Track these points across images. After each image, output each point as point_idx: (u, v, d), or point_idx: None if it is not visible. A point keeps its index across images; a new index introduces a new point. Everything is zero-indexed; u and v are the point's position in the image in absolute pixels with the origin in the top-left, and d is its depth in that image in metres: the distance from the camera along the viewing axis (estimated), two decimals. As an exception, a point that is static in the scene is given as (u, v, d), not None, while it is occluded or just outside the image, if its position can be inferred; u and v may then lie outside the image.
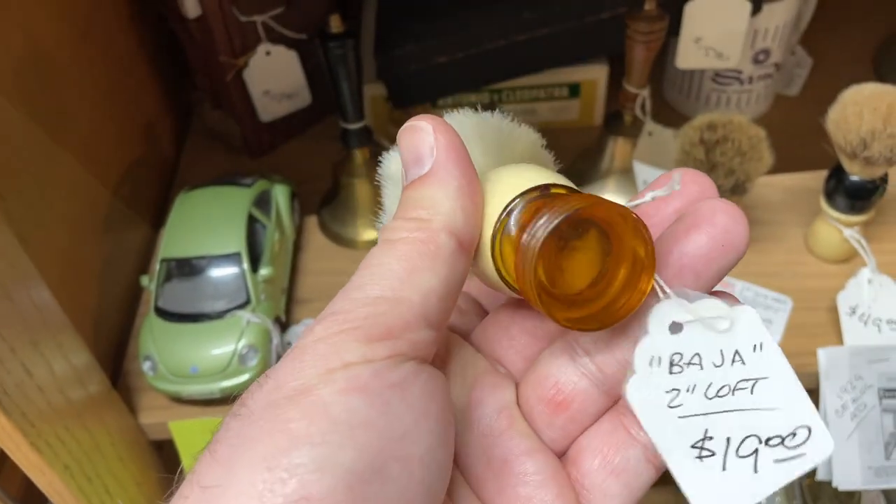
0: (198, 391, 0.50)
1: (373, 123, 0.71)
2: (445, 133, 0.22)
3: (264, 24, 0.63)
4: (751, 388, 0.21)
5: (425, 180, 0.22)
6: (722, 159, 0.49)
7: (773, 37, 0.65)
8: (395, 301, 0.20)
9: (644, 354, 0.21)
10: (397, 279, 0.21)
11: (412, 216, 0.22)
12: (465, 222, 0.22)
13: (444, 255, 0.21)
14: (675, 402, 0.21)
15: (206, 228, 0.53)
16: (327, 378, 0.19)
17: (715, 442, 0.21)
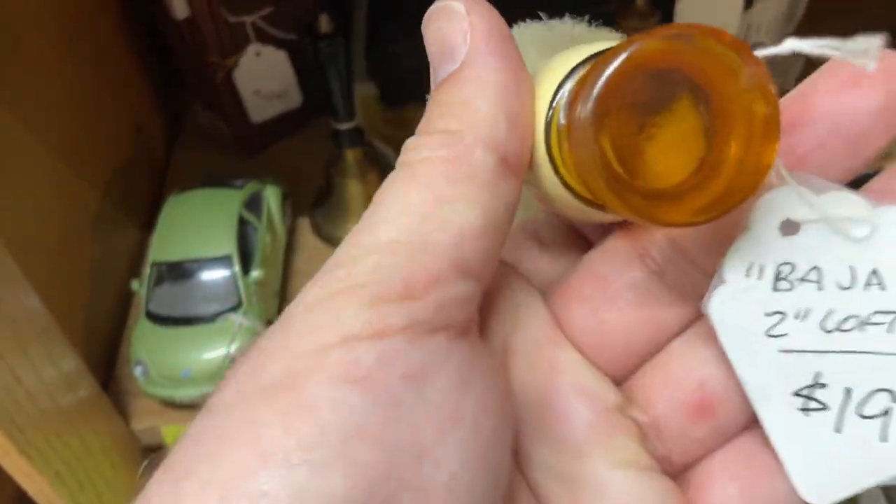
0: (190, 395, 0.50)
1: (365, 123, 0.71)
2: (484, 15, 0.16)
3: (254, 25, 0.63)
4: (890, 325, 0.15)
5: (456, 78, 0.16)
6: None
7: (766, 31, 0.64)
8: (417, 245, 0.15)
9: (740, 258, 0.16)
10: (418, 215, 0.15)
11: (438, 128, 0.16)
12: (510, 132, 0.16)
13: (483, 179, 0.15)
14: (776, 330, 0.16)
15: (196, 231, 0.53)
16: (318, 361, 0.14)
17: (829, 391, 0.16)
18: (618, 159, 0.15)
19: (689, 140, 0.15)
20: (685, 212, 0.15)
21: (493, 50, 0.16)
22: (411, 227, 0.15)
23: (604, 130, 0.14)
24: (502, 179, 0.16)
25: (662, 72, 0.14)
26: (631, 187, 0.15)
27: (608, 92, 0.14)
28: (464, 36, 0.16)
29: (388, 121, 0.71)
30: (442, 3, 0.17)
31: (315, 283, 0.15)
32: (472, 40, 0.16)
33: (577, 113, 0.14)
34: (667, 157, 0.15)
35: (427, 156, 0.16)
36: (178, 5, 0.60)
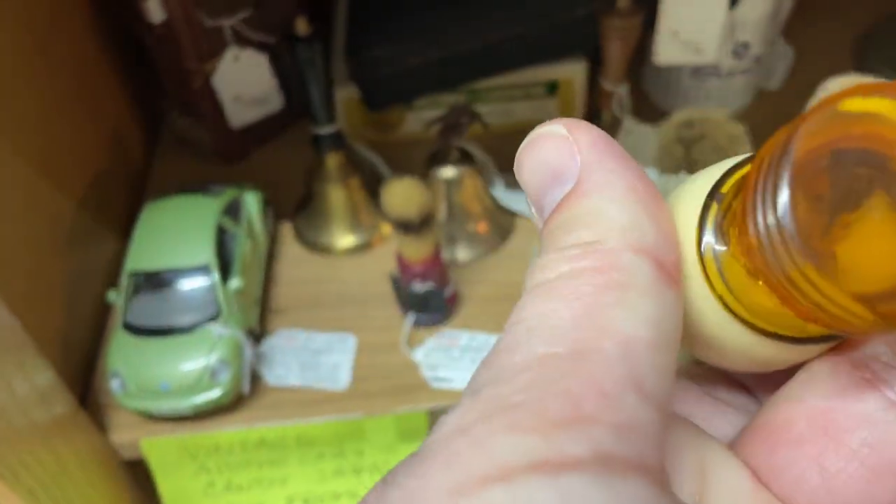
0: (169, 408, 0.49)
1: (348, 127, 0.70)
2: (588, 130, 0.15)
3: (232, 28, 0.62)
4: None
5: (575, 194, 0.14)
6: (700, 157, 0.48)
7: (752, 29, 0.63)
8: (577, 356, 0.12)
9: None
10: (572, 326, 0.12)
11: (570, 243, 0.14)
12: (658, 232, 0.14)
13: (641, 285, 0.13)
14: None
15: (173, 240, 0.52)
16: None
17: None
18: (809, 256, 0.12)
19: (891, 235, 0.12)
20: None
21: (608, 156, 0.14)
22: (567, 337, 0.12)
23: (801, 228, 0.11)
24: (663, 288, 0.13)
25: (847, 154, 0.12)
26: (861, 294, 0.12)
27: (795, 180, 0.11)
28: (572, 156, 0.14)
29: (373, 124, 0.70)
30: (538, 131, 0.15)
31: (453, 412, 0.12)
32: (582, 156, 0.14)
33: (762, 219, 0.12)
34: (866, 258, 0.12)
35: (566, 270, 0.13)
36: (154, 9, 0.59)
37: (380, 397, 0.52)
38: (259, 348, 0.54)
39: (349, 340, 0.55)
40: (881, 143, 0.11)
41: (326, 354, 0.54)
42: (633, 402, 0.12)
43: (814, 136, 0.12)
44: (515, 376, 0.12)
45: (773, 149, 0.12)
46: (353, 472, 0.54)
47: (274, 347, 0.54)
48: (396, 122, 0.70)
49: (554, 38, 0.60)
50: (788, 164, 0.12)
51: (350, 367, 0.53)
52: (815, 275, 0.12)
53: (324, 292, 0.59)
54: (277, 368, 0.53)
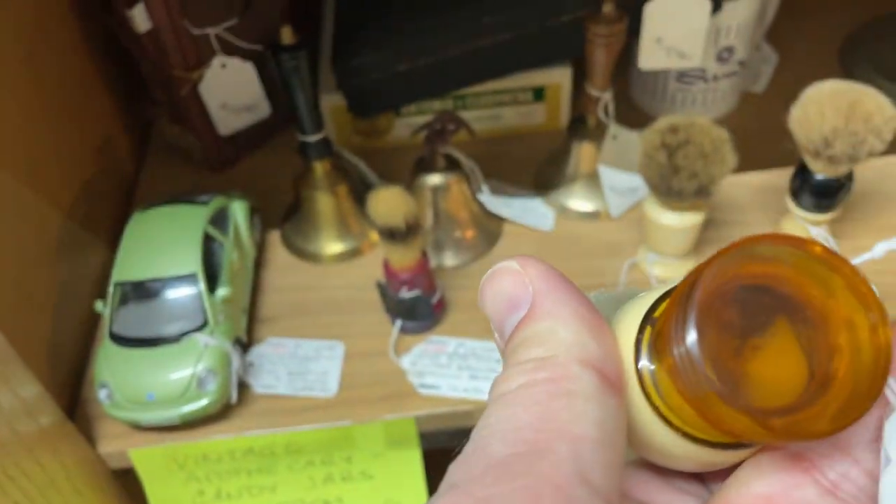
0: (156, 418, 0.49)
1: (336, 134, 0.70)
2: (539, 264, 0.17)
3: (218, 37, 0.62)
4: None
5: (528, 318, 0.17)
6: (684, 162, 0.48)
7: (736, 34, 0.64)
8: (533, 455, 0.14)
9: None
10: (529, 428, 0.15)
11: (527, 358, 0.16)
12: (600, 348, 0.16)
13: (587, 393, 0.15)
14: None
15: (160, 249, 0.52)
16: None
17: None
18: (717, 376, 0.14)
19: (793, 356, 0.14)
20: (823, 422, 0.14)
21: (556, 288, 0.17)
22: (526, 439, 0.15)
23: (707, 357, 0.14)
24: (606, 395, 0.16)
25: (751, 289, 0.14)
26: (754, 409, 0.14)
27: (701, 316, 0.13)
28: (525, 287, 0.17)
29: (361, 130, 0.70)
30: (496, 267, 0.17)
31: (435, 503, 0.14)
32: (534, 286, 0.17)
33: (677, 348, 0.14)
34: (773, 377, 0.14)
35: (524, 381, 0.16)
36: (140, 18, 0.59)
37: (368, 404, 0.52)
38: (247, 357, 0.54)
39: (337, 348, 0.55)
40: (781, 281, 0.14)
41: (314, 362, 0.54)
42: (583, 493, 0.14)
43: (725, 272, 0.14)
44: (484, 474, 0.14)
45: (684, 285, 0.14)
46: (342, 479, 0.54)
47: (262, 356, 0.55)
48: (385, 129, 0.70)
49: (540, 44, 0.61)
50: (694, 303, 0.14)
51: (338, 375, 0.54)
52: (715, 399, 0.13)
53: (312, 300, 0.59)
54: (265, 377, 0.53)
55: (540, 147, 0.68)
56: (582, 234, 0.61)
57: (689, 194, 0.50)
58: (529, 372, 0.16)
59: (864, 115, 0.47)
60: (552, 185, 0.63)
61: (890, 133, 0.48)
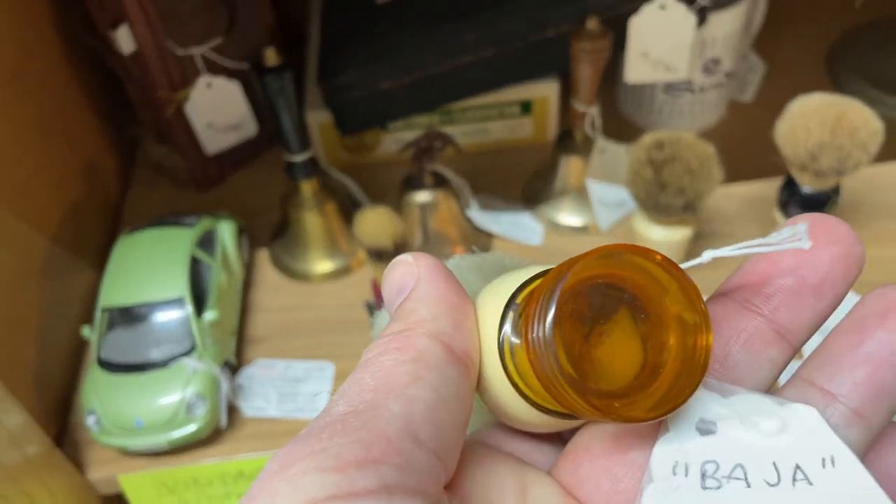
0: (144, 444, 0.49)
1: (323, 151, 0.70)
2: (428, 259, 0.20)
3: (203, 56, 0.62)
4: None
5: (405, 300, 0.19)
6: (671, 178, 0.48)
7: (722, 45, 0.64)
8: (369, 413, 0.16)
9: (665, 457, 0.16)
10: (370, 390, 0.17)
11: (389, 331, 0.19)
12: (454, 329, 0.18)
13: (429, 361, 0.17)
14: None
15: (147, 273, 0.51)
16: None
17: None
18: (572, 367, 0.16)
19: (631, 345, 0.17)
20: (640, 409, 0.16)
21: (434, 277, 0.19)
22: (364, 399, 0.17)
23: (559, 344, 0.16)
24: (449, 365, 0.18)
25: (602, 286, 0.17)
26: (591, 391, 0.16)
27: (560, 308, 0.16)
28: (412, 276, 0.19)
29: (349, 147, 0.70)
30: (394, 261, 0.20)
31: (275, 457, 0.16)
32: (419, 275, 0.19)
33: (534, 332, 0.16)
34: (613, 361, 0.17)
35: (381, 350, 0.18)
36: (124, 40, 0.58)
37: (358, 426, 0.52)
38: (236, 379, 0.54)
39: (328, 368, 0.55)
40: (628, 281, 0.17)
41: (305, 383, 0.54)
42: (411, 447, 0.16)
43: (586, 270, 0.16)
44: (323, 429, 0.16)
45: (549, 280, 0.16)
46: (334, 500, 0.54)
47: (252, 378, 0.54)
48: (373, 145, 0.70)
49: (525, 59, 0.61)
50: (556, 294, 0.16)
51: (329, 396, 0.53)
52: (561, 380, 0.16)
53: (302, 319, 0.59)
54: (255, 400, 0.53)
55: (528, 160, 0.68)
56: (571, 248, 0.61)
57: (677, 210, 0.50)
58: (386, 343, 0.18)
59: (849, 129, 0.47)
60: (540, 200, 0.63)
61: (875, 146, 0.48)
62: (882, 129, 0.48)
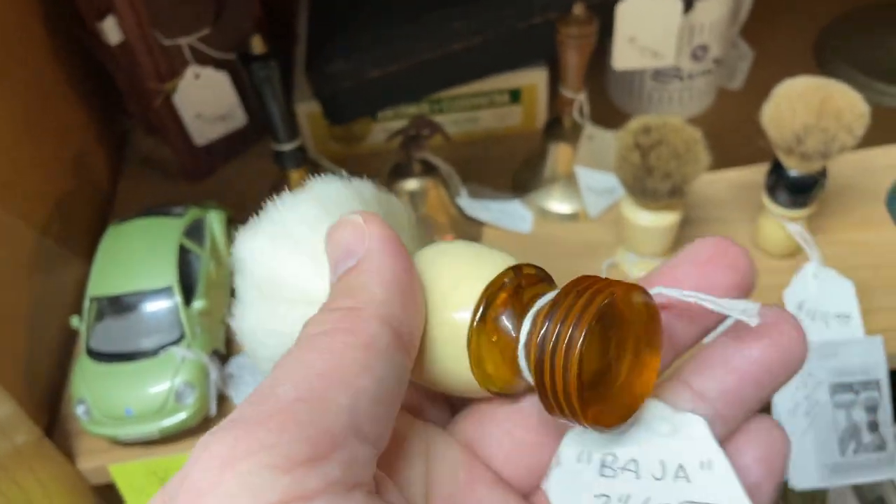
0: (135, 433, 0.49)
1: (313, 141, 0.70)
2: (379, 227, 0.19)
3: (190, 47, 0.61)
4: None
5: (355, 269, 0.19)
6: (657, 163, 0.48)
7: (709, 32, 0.64)
8: (317, 403, 0.16)
9: (574, 445, 0.19)
10: (317, 376, 0.17)
11: (338, 306, 0.18)
12: (404, 313, 0.18)
13: (379, 349, 0.18)
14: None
15: (135, 263, 0.51)
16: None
17: None
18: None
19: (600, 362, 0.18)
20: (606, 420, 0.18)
21: (386, 250, 0.19)
22: (312, 386, 0.16)
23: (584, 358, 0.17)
24: (396, 352, 0.18)
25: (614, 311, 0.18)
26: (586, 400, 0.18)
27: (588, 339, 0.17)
28: (361, 240, 0.19)
29: (338, 137, 0.70)
30: (343, 218, 0.20)
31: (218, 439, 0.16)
32: (369, 242, 0.19)
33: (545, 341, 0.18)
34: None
35: (329, 328, 0.18)
36: (110, 30, 0.58)
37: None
38: (226, 368, 0.54)
39: (317, 357, 0.55)
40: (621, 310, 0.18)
41: (294, 372, 0.54)
42: (354, 443, 0.16)
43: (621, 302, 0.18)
44: (270, 417, 0.16)
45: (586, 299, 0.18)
46: (326, 488, 0.54)
47: (242, 367, 0.54)
48: (362, 135, 0.70)
49: (512, 47, 0.61)
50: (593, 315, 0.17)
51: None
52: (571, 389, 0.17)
53: (292, 309, 0.59)
54: (245, 388, 0.53)
55: (518, 149, 0.68)
56: (561, 235, 0.61)
57: (664, 194, 0.50)
58: (335, 320, 0.18)
59: (835, 111, 0.47)
60: (530, 187, 0.63)
61: (861, 129, 0.48)
62: (868, 111, 0.48)
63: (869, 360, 0.50)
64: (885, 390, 0.51)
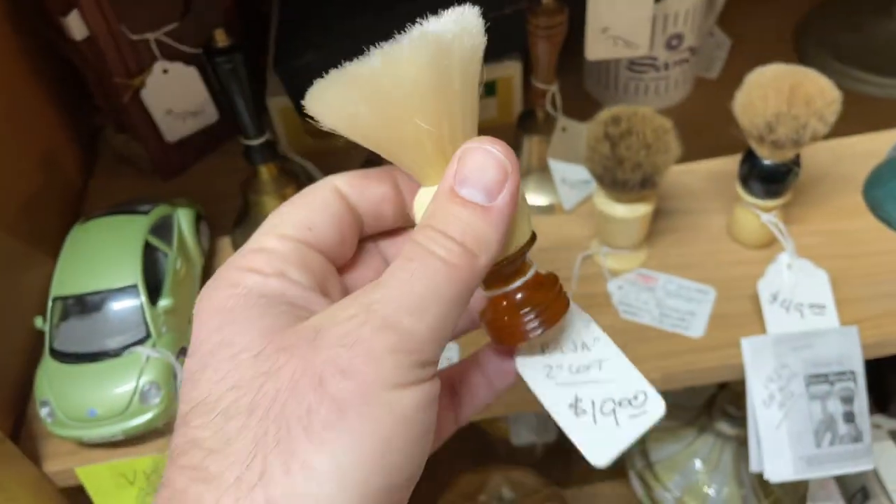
0: (99, 435, 0.48)
1: (286, 136, 0.69)
2: (516, 177, 0.23)
3: (158, 42, 0.61)
4: (598, 366, 0.28)
5: (487, 215, 0.22)
6: (627, 153, 0.48)
7: (684, 21, 0.63)
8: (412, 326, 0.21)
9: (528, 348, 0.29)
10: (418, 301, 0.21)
11: (459, 240, 0.22)
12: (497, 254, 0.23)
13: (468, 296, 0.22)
14: (551, 374, 0.28)
15: (99, 262, 0.51)
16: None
17: (585, 403, 0.27)
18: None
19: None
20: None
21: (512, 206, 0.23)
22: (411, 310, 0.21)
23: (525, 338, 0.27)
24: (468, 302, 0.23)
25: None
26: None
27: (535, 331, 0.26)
28: (500, 188, 0.22)
29: (311, 132, 0.69)
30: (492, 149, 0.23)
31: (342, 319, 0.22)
32: (504, 197, 0.22)
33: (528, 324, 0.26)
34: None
35: (444, 256, 0.22)
36: (75, 25, 0.57)
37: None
38: (195, 367, 0.53)
39: (288, 354, 0.54)
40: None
41: (265, 370, 0.53)
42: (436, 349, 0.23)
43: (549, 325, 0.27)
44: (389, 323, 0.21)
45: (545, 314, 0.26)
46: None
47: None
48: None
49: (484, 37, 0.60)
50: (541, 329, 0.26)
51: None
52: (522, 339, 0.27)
53: (264, 306, 0.58)
54: (214, 387, 0.52)
55: (494, 142, 0.67)
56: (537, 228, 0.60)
57: (635, 185, 0.49)
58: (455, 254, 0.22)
59: (805, 98, 0.47)
60: (505, 181, 0.62)
61: (833, 115, 0.47)
62: (839, 98, 0.47)
63: (844, 351, 0.50)
64: (861, 381, 0.50)
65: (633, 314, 0.53)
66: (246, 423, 0.20)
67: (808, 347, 0.50)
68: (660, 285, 0.55)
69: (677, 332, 0.52)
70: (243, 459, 0.19)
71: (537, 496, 0.77)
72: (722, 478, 0.71)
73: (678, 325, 0.52)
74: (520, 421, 0.86)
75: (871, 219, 0.58)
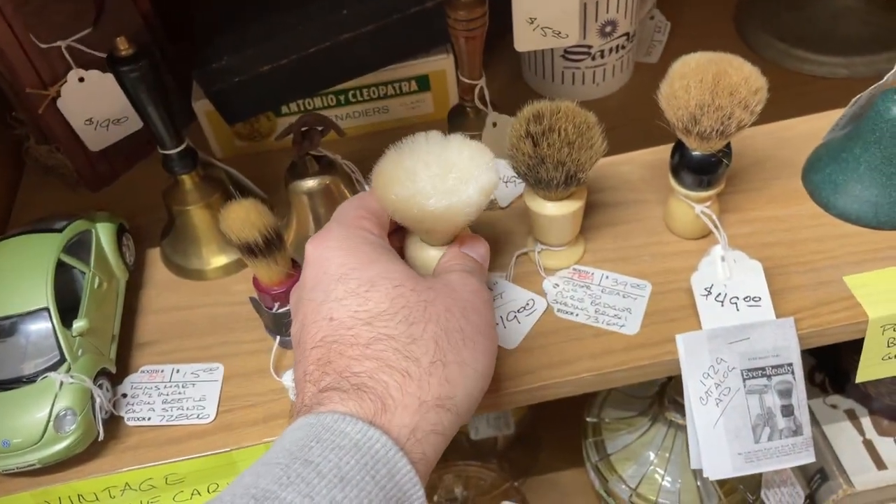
0: (15, 465, 0.46)
1: (216, 141, 0.67)
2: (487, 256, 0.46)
3: (70, 49, 0.58)
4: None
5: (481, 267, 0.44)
6: (549, 151, 0.46)
7: (617, 7, 0.61)
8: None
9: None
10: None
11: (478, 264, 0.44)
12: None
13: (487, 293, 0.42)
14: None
15: (8, 285, 0.49)
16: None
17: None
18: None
19: None
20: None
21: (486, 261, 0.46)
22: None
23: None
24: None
25: None
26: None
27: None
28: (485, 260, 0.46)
29: (243, 135, 0.67)
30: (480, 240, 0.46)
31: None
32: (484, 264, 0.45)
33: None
34: None
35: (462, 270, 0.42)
36: (-21, 36, 0.55)
37: (249, 427, 0.50)
38: (119, 388, 0.51)
39: (217, 370, 0.53)
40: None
41: (192, 387, 0.52)
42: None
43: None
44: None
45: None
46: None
47: (136, 385, 0.52)
48: (267, 131, 0.67)
49: (407, 33, 0.58)
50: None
51: (217, 399, 0.51)
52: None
53: (193, 319, 0.57)
54: (139, 408, 0.51)
55: (430, 138, 0.65)
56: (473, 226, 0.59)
57: (559, 183, 0.47)
58: (475, 269, 0.43)
59: (729, 88, 0.45)
60: (439, 179, 0.60)
61: (759, 104, 0.46)
62: (765, 86, 0.46)
63: (780, 343, 0.49)
64: (799, 373, 0.49)
65: (569, 313, 0.52)
66: (426, 328, 0.35)
67: (744, 340, 0.49)
68: (595, 281, 0.53)
69: (612, 330, 0.51)
70: (432, 349, 0.35)
71: (495, 493, 0.76)
72: (676, 468, 0.70)
73: (613, 322, 0.51)
74: (478, 418, 0.85)
75: (810, 204, 0.57)
